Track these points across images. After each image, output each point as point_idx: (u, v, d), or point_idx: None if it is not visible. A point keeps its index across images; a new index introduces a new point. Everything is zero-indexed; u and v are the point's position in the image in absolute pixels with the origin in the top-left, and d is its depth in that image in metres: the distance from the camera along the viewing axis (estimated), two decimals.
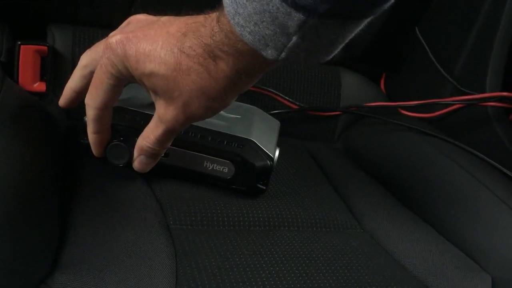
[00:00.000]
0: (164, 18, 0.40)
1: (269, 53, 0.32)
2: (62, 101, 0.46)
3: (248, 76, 0.37)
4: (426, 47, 0.76)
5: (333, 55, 0.35)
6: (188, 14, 0.41)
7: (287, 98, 0.72)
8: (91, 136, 0.45)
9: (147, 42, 0.38)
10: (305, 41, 0.31)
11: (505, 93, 0.65)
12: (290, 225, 0.50)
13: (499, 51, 0.67)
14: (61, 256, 0.38)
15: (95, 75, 0.41)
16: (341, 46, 0.34)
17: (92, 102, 0.42)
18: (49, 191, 0.43)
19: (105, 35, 0.62)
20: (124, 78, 0.40)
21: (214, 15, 0.35)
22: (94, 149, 0.46)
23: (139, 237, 0.41)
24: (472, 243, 0.54)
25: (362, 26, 0.33)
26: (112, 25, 0.63)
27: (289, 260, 0.44)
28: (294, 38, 0.31)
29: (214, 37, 0.35)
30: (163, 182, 0.50)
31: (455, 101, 0.70)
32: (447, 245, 0.54)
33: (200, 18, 0.37)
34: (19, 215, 0.36)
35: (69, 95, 0.45)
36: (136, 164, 0.46)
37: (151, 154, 0.44)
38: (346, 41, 0.34)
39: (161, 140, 0.42)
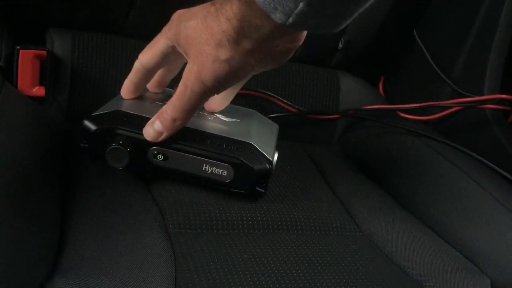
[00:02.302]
0: None
1: (278, 17, 0.34)
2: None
3: (253, 35, 0.38)
4: (425, 50, 0.76)
5: (342, 27, 0.36)
6: None
7: (286, 101, 0.73)
8: (126, 82, 0.51)
9: (189, 12, 0.44)
10: (311, 9, 0.33)
11: (503, 96, 0.65)
12: (289, 228, 0.50)
13: (497, 53, 0.67)
14: (61, 260, 0.38)
15: (154, 39, 0.48)
16: (350, 19, 0.35)
17: (141, 57, 0.49)
18: (48, 194, 0.43)
19: (104, 39, 0.63)
20: (171, 46, 0.45)
21: None
22: (123, 92, 0.52)
23: (138, 241, 0.41)
24: (471, 245, 0.54)
25: (371, 1, 0.34)
26: (111, 29, 0.64)
27: (288, 263, 0.44)
28: (301, 5, 0.32)
29: None
30: (162, 185, 0.50)
31: (454, 104, 0.70)
32: (446, 247, 0.54)
33: None
34: (18, 218, 0.36)
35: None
36: (147, 128, 0.46)
37: (168, 122, 0.45)
38: (355, 14, 0.35)
39: (183, 107, 0.44)
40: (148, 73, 0.50)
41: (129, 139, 0.46)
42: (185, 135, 0.48)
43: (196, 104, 0.45)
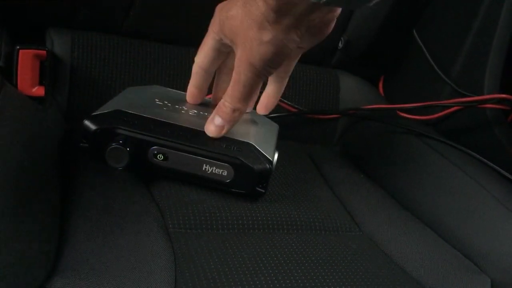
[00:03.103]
0: None
1: None
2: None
3: (291, 12, 0.40)
4: (424, 50, 0.76)
5: (373, 3, 0.36)
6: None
7: (286, 101, 0.72)
8: (189, 88, 0.53)
9: (228, 3, 0.45)
10: None
11: (503, 95, 0.65)
12: (289, 228, 0.50)
13: (497, 53, 0.67)
14: (60, 260, 0.38)
15: (203, 40, 0.49)
16: None
17: (196, 59, 0.50)
18: (48, 194, 0.43)
19: (103, 39, 0.63)
20: (219, 40, 0.47)
21: None
22: (188, 98, 0.54)
23: (138, 241, 0.41)
24: (471, 245, 0.54)
25: None
26: (110, 29, 0.64)
27: (288, 263, 0.44)
28: None
29: None
30: (162, 185, 0.50)
31: (454, 103, 0.70)
32: (446, 247, 0.54)
33: None
34: (18, 218, 0.36)
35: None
36: (208, 126, 0.48)
37: (228, 113, 0.47)
38: None
39: (240, 95, 0.45)
40: (207, 74, 0.51)
41: (129, 139, 0.46)
42: (185, 135, 0.48)
43: (252, 90, 0.46)
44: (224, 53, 0.49)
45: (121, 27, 0.64)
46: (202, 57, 0.50)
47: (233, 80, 0.45)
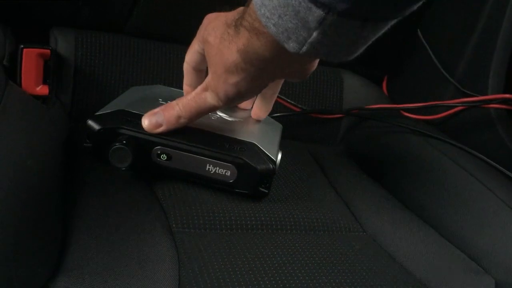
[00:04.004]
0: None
1: (291, 46, 0.34)
2: None
3: (261, 65, 0.39)
4: (429, 49, 0.76)
5: (355, 55, 0.36)
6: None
7: (289, 101, 0.72)
8: (184, 87, 0.53)
9: (213, 23, 0.44)
10: (325, 37, 0.33)
11: (507, 95, 0.65)
12: (292, 228, 0.50)
13: (501, 52, 0.67)
14: (64, 260, 0.38)
15: (192, 41, 0.49)
16: (363, 47, 0.35)
17: (186, 57, 0.50)
18: (52, 194, 0.43)
19: (107, 38, 0.63)
20: (202, 49, 0.47)
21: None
22: (184, 90, 0.53)
23: (141, 241, 0.41)
24: (475, 245, 0.54)
25: (385, 29, 0.34)
26: (114, 28, 0.64)
27: (291, 263, 0.44)
28: (315, 34, 0.32)
29: (243, 17, 0.38)
30: (166, 185, 0.50)
31: (458, 103, 0.70)
32: (450, 247, 0.54)
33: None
34: (22, 218, 0.36)
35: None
36: (147, 116, 0.47)
37: (173, 117, 0.46)
38: (369, 42, 0.35)
39: (193, 110, 0.46)
40: (196, 71, 0.51)
41: (132, 139, 0.46)
42: (189, 135, 0.48)
43: (205, 111, 0.46)
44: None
45: (124, 26, 0.64)
46: (190, 56, 0.50)
47: (196, 91, 0.45)
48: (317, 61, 0.44)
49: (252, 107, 0.56)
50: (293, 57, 0.37)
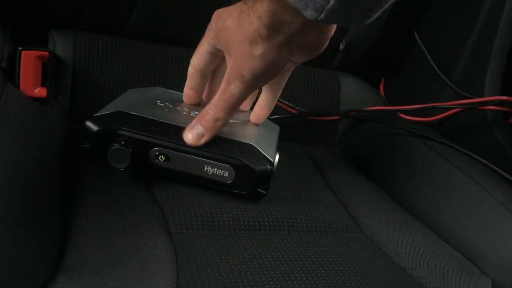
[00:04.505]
0: None
1: (309, 14, 0.34)
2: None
3: (284, 31, 0.39)
4: (425, 51, 0.76)
5: (372, 19, 0.36)
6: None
7: (286, 103, 0.73)
8: (185, 90, 0.53)
9: (226, 11, 0.45)
10: (342, 4, 0.33)
11: (504, 97, 0.65)
12: (290, 229, 0.50)
13: (498, 55, 0.67)
14: (63, 260, 0.38)
15: (199, 44, 0.49)
16: (379, 11, 0.36)
17: (192, 61, 0.50)
18: (51, 195, 0.43)
19: (105, 40, 0.63)
20: (214, 45, 0.47)
21: None
22: (184, 99, 0.54)
23: (140, 241, 0.41)
24: (472, 246, 0.54)
25: None
26: (112, 30, 0.64)
27: (289, 263, 0.44)
28: (332, 1, 0.33)
29: None
30: (164, 186, 0.50)
31: (455, 105, 0.70)
32: (447, 248, 0.54)
33: None
34: (21, 219, 0.36)
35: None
36: (186, 134, 0.47)
37: (210, 122, 0.46)
38: (385, 6, 0.35)
39: (226, 105, 0.45)
40: (202, 76, 0.51)
41: (131, 140, 0.46)
42: None
43: (238, 101, 0.46)
44: (219, 57, 0.50)
45: (123, 28, 0.64)
46: (197, 60, 0.50)
47: (220, 89, 0.45)
48: (333, 29, 0.44)
49: (250, 109, 0.57)
50: (312, 25, 0.38)
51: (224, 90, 0.45)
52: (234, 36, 0.42)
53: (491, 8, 0.68)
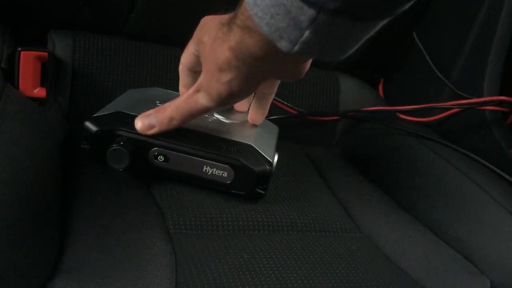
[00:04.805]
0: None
1: (283, 45, 0.34)
2: None
3: (253, 63, 0.39)
4: (424, 52, 0.76)
5: (347, 54, 0.36)
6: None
7: (285, 103, 0.73)
8: (179, 88, 0.52)
9: (208, 25, 0.45)
10: (317, 36, 0.33)
11: (503, 97, 0.65)
12: (289, 229, 0.50)
13: (497, 55, 0.67)
14: (62, 261, 0.38)
15: (188, 43, 0.50)
16: (356, 46, 0.36)
17: (181, 59, 0.50)
18: (49, 195, 0.43)
19: (105, 41, 0.63)
20: (197, 51, 0.47)
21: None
22: (180, 92, 0.53)
23: (139, 242, 0.42)
24: (471, 246, 0.54)
25: (377, 28, 0.34)
26: (112, 31, 0.64)
27: (288, 263, 0.44)
28: (307, 33, 0.33)
29: (236, 16, 0.38)
30: (163, 186, 0.50)
31: (453, 105, 0.70)
32: (446, 248, 0.54)
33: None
34: (20, 219, 0.36)
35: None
36: (140, 118, 0.47)
37: (165, 118, 0.46)
38: (362, 41, 0.35)
39: (185, 111, 0.46)
40: (192, 73, 0.51)
41: (130, 140, 0.47)
42: (186, 137, 0.48)
43: (197, 113, 0.46)
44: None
45: (122, 29, 0.64)
46: (185, 58, 0.50)
47: (188, 93, 0.45)
48: (310, 61, 0.44)
49: (248, 110, 0.57)
50: (286, 56, 0.37)
51: (190, 96, 0.45)
52: (206, 55, 0.43)
53: (490, 9, 0.69)
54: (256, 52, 0.38)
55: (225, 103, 0.44)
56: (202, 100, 0.44)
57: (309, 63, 0.44)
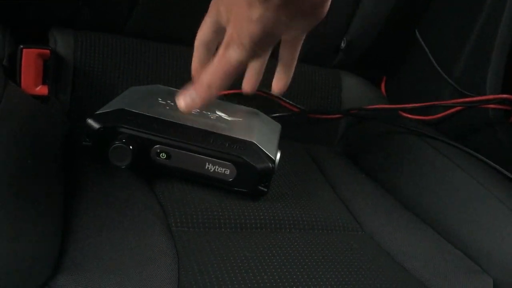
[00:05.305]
0: None
1: None
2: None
3: None
4: (427, 50, 0.76)
5: None
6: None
7: (288, 101, 0.73)
8: (192, 63, 0.51)
9: None
10: None
11: (505, 96, 0.65)
12: (291, 227, 0.50)
13: (499, 53, 0.67)
14: (64, 258, 0.38)
15: (204, 18, 0.49)
16: None
17: (197, 35, 0.50)
18: (51, 192, 0.43)
19: (106, 38, 0.63)
20: (216, 20, 0.47)
21: None
22: (193, 72, 0.51)
23: (141, 239, 0.41)
24: (473, 244, 0.54)
25: None
26: (112, 30, 0.64)
27: (290, 261, 0.44)
28: None
29: None
30: (165, 184, 0.50)
31: (456, 104, 0.70)
32: (448, 246, 0.54)
33: None
34: (22, 216, 0.36)
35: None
36: (180, 98, 0.46)
37: (204, 87, 0.45)
38: None
39: (220, 72, 0.44)
40: (207, 49, 0.50)
41: (132, 138, 0.46)
42: (188, 134, 0.48)
43: (236, 68, 0.44)
44: (222, 31, 0.48)
45: (124, 26, 0.64)
46: (201, 33, 0.49)
47: (218, 55, 0.44)
48: (328, 1, 0.43)
49: (247, 110, 0.56)
50: None
51: (221, 56, 0.43)
52: (233, 1, 0.42)
53: (492, 6, 0.68)
54: None
55: (258, 48, 0.43)
56: (235, 53, 0.43)
57: (328, 2, 0.43)
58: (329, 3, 0.44)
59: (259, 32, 0.41)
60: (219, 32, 0.48)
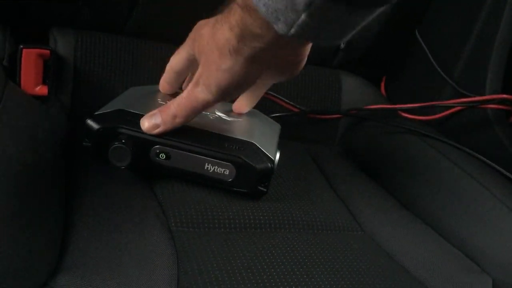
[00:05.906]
0: None
1: (280, 28, 0.34)
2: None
3: (253, 44, 0.39)
4: (426, 50, 0.76)
5: (344, 40, 0.36)
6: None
7: (288, 101, 0.73)
8: (161, 82, 0.54)
9: (205, 21, 0.46)
10: (313, 20, 0.33)
11: (505, 95, 0.65)
12: (291, 227, 0.50)
13: (499, 53, 0.67)
14: (64, 259, 0.38)
15: (179, 47, 0.50)
16: (352, 32, 0.36)
17: (171, 60, 0.51)
18: (51, 193, 0.43)
19: (107, 38, 0.63)
20: (191, 53, 0.48)
21: None
22: (160, 89, 0.55)
23: (141, 239, 0.42)
24: (473, 244, 0.54)
25: (373, 15, 0.34)
26: (112, 30, 0.64)
27: (290, 262, 0.44)
28: (303, 16, 0.33)
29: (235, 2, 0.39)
30: (165, 184, 0.50)
31: (455, 104, 0.70)
32: (447, 246, 0.54)
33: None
34: (22, 217, 0.36)
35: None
36: (145, 119, 0.47)
37: (169, 117, 0.46)
38: (358, 27, 0.35)
39: (187, 108, 0.46)
40: (177, 75, 0.52)
41: (131, 138, 0.47)
42: (188, 134, 0.48)
43: (200, 108, 0.46)
44: (196, 63, 0.49)
45: (124, 27, 0.64)
46: (175, 62, 0.51)
47: (187, 89, 0.45)
48: (307, 52, 0.44)
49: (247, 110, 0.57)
50: (283, 40, 0.37)
51: (189, 92, 0.45)
52: (206, 44, 0.43)
53: (492, 6, 0.68)
54: (255, 32, 0.38)
55: (225, 95, 0.44)
56: (202, 94, 0.44)
57: (305, 54, 0.44)
58: (304, 62, 0.45)
59: (226, 82, 0.42)
60: (193, 63, 0.49)
